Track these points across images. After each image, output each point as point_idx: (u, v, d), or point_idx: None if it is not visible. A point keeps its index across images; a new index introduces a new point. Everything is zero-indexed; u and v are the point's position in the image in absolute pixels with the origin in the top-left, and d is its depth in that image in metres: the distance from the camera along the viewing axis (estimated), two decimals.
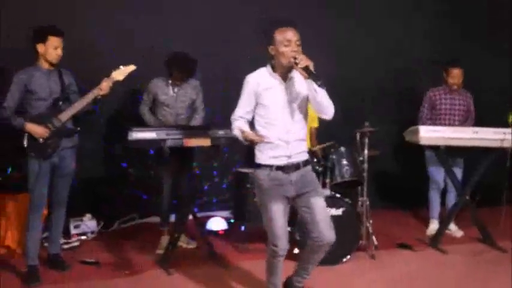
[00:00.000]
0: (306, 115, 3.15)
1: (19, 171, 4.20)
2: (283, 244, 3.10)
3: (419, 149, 4.85)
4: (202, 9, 5.32)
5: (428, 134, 4.37)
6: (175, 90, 4.49)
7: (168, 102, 4.48)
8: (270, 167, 3.07)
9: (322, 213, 3.11)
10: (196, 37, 5.17)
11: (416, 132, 4.42)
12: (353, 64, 5.55)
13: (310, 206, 3.09)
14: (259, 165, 3.11)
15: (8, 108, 3.81)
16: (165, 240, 4.49)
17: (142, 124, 4.42)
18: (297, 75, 3.05)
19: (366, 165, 4.38)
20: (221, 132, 3.99)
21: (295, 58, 2.91)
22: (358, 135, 4.44)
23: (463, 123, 4.93)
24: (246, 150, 5.05)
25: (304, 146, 3.16)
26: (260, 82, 3.08)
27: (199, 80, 4.60)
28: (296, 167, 3.09)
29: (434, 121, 4.95)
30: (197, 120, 4.57)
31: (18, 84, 3.83)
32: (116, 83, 3.92)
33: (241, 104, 3.15)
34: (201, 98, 4.60)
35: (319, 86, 2.88)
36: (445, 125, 4.84)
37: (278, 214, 3.06)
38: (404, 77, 5.88)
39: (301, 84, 3.04)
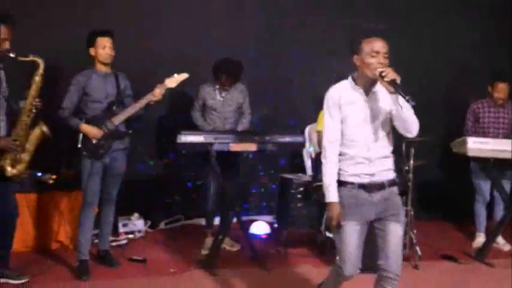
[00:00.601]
0: (390, 131, 2.89)
1: (73, 169, 4.32)
2: (349, 270, 2.88)
3: (466, 160, 4.76)
4: (251, 17, 5.40)
5: (477, 145, 4.33)
6: (223, 94, 4.56)
7: (216, 106, 4.56)
8: (352, 184, 2.83)
9: (396, 243, 2.84)
10: (244, 44, 5.27)
11: (464, 143, 4.37)
12: (399, 73, 5.49)
13: (385, 231, 2.84)
14: (341, 182, 2.85)
15: (66, 109, 3.97)
16: (209, 241, 4.55)
17: (194, 128, 4.49)
18: (380, 89, 2.84)
19: (411, 175, 4.31)
20: (267, 138, 4.02)
21: (381, 71, 2.71)
22: (404, 145, 4.36)
23: (507, 136, 4.81)
24: (291, 155, 5.22)
25: (390, 163, 2.90)
26: (342, 95, 2.85)
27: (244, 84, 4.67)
28: (380, 186, 2.83)
29: (478, 134, 4.86)
30: (244, 124, 4.63)
31: (76, 86, 3.98)
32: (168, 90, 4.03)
33: (329, 125, 2.87)
34: (248, 102, 4.67)
35: (407, 101, 2.67)
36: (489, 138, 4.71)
37: (352, 237, 2.83)
38: (452, 87, 5.78)
39: (385, 99, 2.83)
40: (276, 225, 5.04)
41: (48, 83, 3.76)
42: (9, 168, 3.59)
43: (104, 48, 3.98)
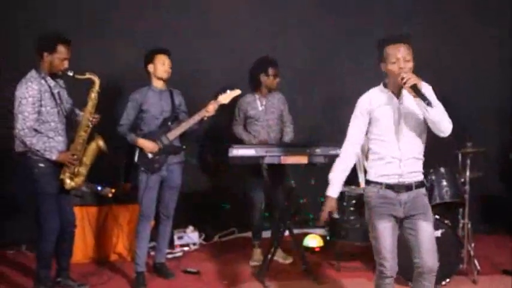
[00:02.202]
0: (422, 133, 2.95)
1: (130, 183, 4.42)
2: (389, 264, 2.94)
3: None
4: (295, 33, 5.38)
5: None
6: (263, 103, 4.58)
7: (259, 116, 4.57)
8: (380, 184, 2.94)
9: (428, 239, 2.93)
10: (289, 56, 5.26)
11: None
12: (456, 83, 5.36)
13: (416, 229, 2.92)
14: (369, 182, 2.98)
15: (124, 125, 4.10)
16: (257, 253, 4.60)
17: (240, 141, 4.53)
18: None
19: (467, 187, 4.19)
20: (318, 150, 4.01)
21: (402, 77, 2.79)
22: (460, 156, 4.29)
23: None
24: None
25: (419, 165, 2.98)
26: (372, 100, 2.97)
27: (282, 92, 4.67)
28: (407, 187, 2.93)
29: None
30: (288, 133, 4.63)
31: (133, 103, 4.10)
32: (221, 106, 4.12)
33: (353, 126, 3.00)
34: (287, 110, 4.68)
35: (427, 104, 2.75)
36: None
37: (385, 233, 2.92)
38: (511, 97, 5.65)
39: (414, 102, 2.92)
40: (328, 238, 4.91)
41: (106, 100, 3.85)
42: (68, 181, 3.71)
43: (163, 64, 4.09)
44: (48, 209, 3.64)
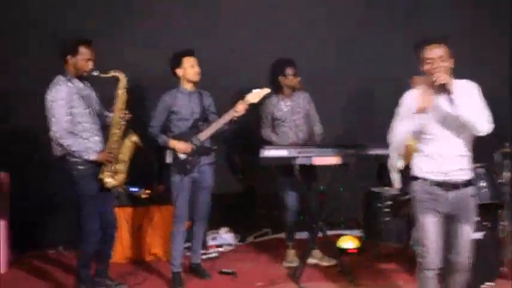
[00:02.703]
0: (465, 130, 2.91)
1: (164, 185, 4.44)
2: (431, 257, 2.96)
3: None
4: (331, 31, 5.34)
5: None
6: (288, 103, 4.52)
7: (285, 116, 4.51)
8: (426, 180, 2.97)
9: (467, 242, 2.99)
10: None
11: None
12: (495, 80, 5.21)
13: (458, 231, 2.97)
14: (415, 178, 3.00)
15: (155, 127, 4.08)
16: (290, 254, 4.57)
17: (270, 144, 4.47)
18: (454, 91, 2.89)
19: (507, 188, 4.08)
20: (352, 151, 3.96)
21: (434, 76, 2.83)
22: (498, 156, 4.14)
23: None
24: (377, 168, 4.92)
25: (465, 162, 2.99)
26: (415, 98, 2.94)
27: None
28: (454, 186, 2.95)
29: None
30: (318, 132, 4.56)
31: (163, 106, 4.08)
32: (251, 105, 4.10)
33: (399, 122, 2.99)
34: (314, 108, 4.62)
35: (451, 103, 2.80)
36: None
37: (430, 225, 2.94)
38: None
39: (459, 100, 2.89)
40: (363, 240, 4.92)
41: (133, 101, 3.88)
42: (109, 180, 3.70)
43: (192, 66, 4.08)
44: (89, 210, 3.65)
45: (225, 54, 5.13)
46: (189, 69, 4.07)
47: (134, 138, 3.82)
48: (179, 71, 4.11)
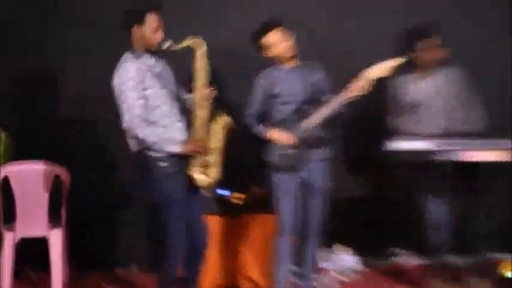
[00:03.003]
0: None
1: (262, 187, 4.22)
2: None
3: None
4: None
5: None
6: (429, 83, 4.16)
7: (427, 100, 4.16)
8: None
9: None
10: None
11: None
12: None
13: None
14: None
15: (251, 115, 3.90)
16: (437, 284, 4.13)
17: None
18: None
19: None
20: None
21: None
22: None
23: None
24: None
25: None
26: None
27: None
28: None
29: None
30: (474, 122, 4.17)
31: (259, 88, 3.91)
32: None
33: None
34: (467, 88, 4.20)
35: None
36: None
37: None
38: None
39: None
40: None
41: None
42: (201, 177, 3.53)
43: (282, 40, 3.82)
44: (172, 219, 3.50)
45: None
46: (279, 44, 3.81)
47: (225, 120, 3.58)
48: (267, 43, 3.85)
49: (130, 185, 4.40)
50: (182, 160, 3.46)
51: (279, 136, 3.80)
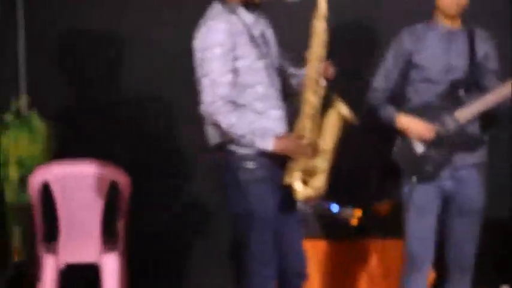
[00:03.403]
0: None
1: (389, 200, 3.99)
2: None
3: None
4: None
5: None
6: None
7: None
8: None
9: None
10: None
11: None
12: None
13: None
14: None
15: (379, 91, 3.60)
16: None
17: None
18: None
19: None
20: None
21: None
22: None
23: None
24: None
25: None
26: None
27: None
28: None
29: None
30: None
31: (397, 51, 3.61)
32: None
33: None
34: None
35: None
36: None
37: None
38: None
39: None
40: None
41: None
42: (303, 188, 3.24)
43: None
44: (259, 242, 3.27)
45: None
46: None
47: (342, 109, 3.21)
48: None
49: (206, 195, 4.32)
50: (277, 162, 3.20)
51: (416, 127, 3.51)
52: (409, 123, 3.51)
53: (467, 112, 3.50)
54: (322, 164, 3.26)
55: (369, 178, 4.08)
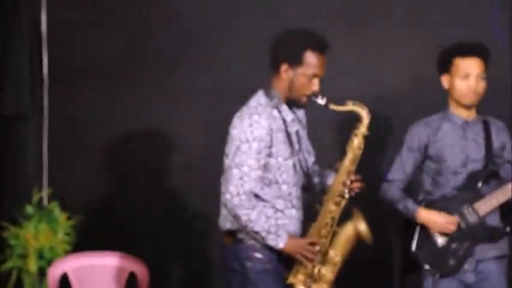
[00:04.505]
0: None
1: None
2: None
3: None
4: None
5: None
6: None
7: None
8: None
9: None
10: None
11: None
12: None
13: None
14: None
15: (396, 182, 3.58)
16: None
17: None
18: None
19: None
20: None
21: None
22: None
23: None
24: None
25: None
26: None
27: None
28: None
29: None
30: None
31: (413, 144, 3.59)
32: None
33: None
34: None
35: None
36: None
37: None
38: None
39: None
40: None
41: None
42: None
43: (465, 77, 3.47)
44: None
45: None
46: (459, 80, 3.48)
47: (360, 225, 3.24)
48: (445, 80, 3.53)
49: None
50: (282, 258, 3.23)
51: (437, 221, 3.46)
52: (430, 217, 3.51)
53: (487, 204, 3.49)
54: (328, 274, 3.26)
55: (382, 274, 4.05)
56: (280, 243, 3.14)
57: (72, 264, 3.93)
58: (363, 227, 3.27)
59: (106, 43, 4.87)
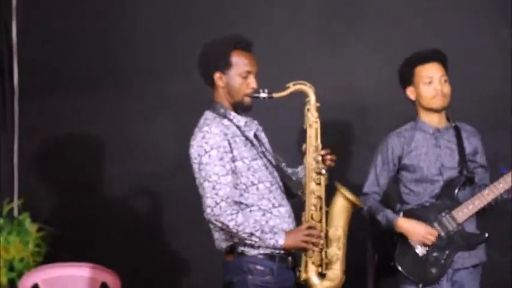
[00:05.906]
0: None
1: None
2: None
3: None
4: None
5: None
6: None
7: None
8: None
9: None
10: None
11: None
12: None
13: None
14: None
15: (371, 194, 3.57)
16: None
17: None
18: None
19: None
20: None
21: None
22: None
23: None
24: None
25: None
26: None
27: None
28: None
29: None
30: None
31: (386, 155, 3.60)
32: None
33: None
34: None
35: None
36: None
37: None
38: None
39: None
40: None
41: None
42: (317, 281, 3.12)
43: (430, 82, 3.48)
44: None
45: None
46: (425, 89, 3.48)
47: (345, 193, 3.20)
48: (411, 92, 3.52)
49: None
50: (286, 261, 3.12)
51: (413, 228, 3.45)
52: (410, 227, 3.49)
53: (465, 211, 3.47)
54: (336, 252, 3.18)
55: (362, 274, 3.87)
56: (280, 241, 3.07)
57: (43, 276, 3.89)
58: (348, 193, 3.24)
59: (78, 54, 4.84)
